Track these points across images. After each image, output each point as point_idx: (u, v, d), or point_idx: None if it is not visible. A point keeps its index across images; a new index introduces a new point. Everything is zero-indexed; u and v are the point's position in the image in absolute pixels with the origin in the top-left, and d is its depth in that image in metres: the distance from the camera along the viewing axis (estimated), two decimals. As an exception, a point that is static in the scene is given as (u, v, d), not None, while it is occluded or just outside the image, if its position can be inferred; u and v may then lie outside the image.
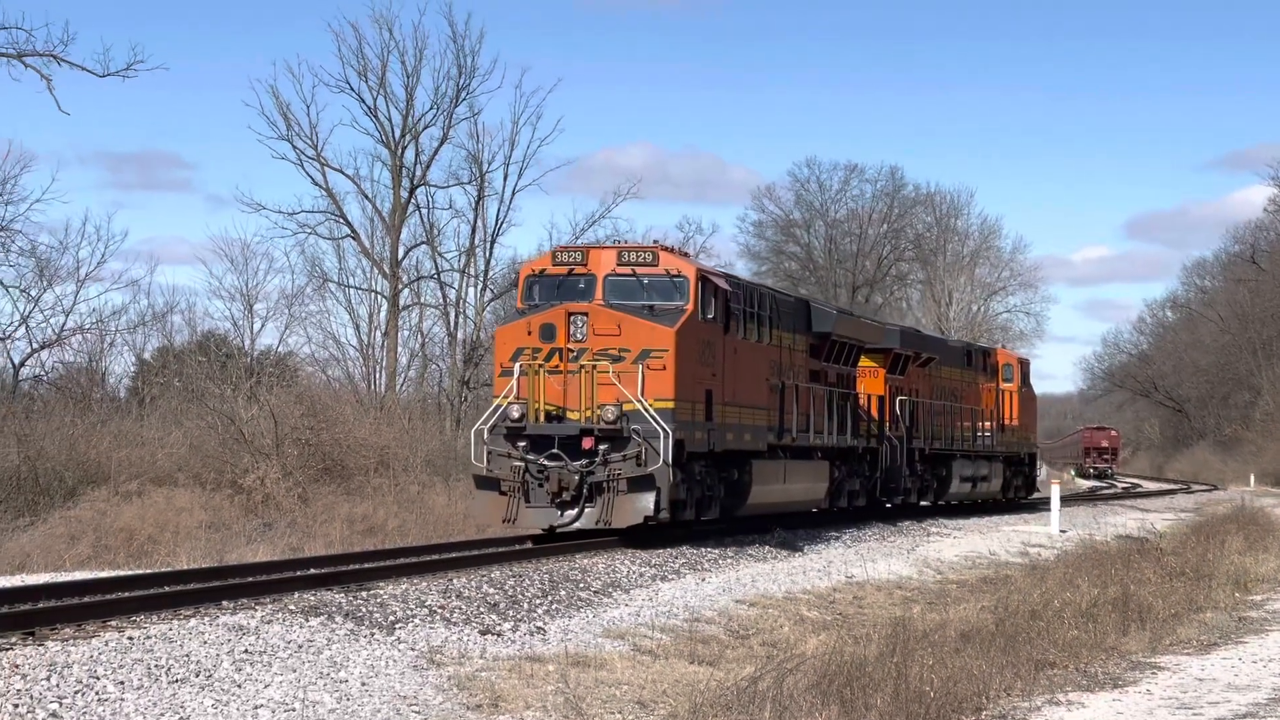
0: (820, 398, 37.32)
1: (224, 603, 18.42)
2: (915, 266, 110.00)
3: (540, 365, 28.47)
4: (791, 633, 20.72)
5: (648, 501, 27.79)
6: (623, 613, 21.16)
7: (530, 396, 28.44)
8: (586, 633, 19.29)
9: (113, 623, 16.44)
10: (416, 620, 18.27)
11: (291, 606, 17.94)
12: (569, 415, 28.47)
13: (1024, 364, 56.58)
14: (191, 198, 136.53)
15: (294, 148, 60.28)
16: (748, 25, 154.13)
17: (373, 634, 17.11)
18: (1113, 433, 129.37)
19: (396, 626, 17.75)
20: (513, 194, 62.91)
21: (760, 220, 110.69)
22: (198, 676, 14.11)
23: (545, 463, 28.21)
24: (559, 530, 28.50)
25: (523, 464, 28.29)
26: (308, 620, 17.16)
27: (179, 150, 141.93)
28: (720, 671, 16.88)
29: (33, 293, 51.88)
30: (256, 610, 17.57)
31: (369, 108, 61.61)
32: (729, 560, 28.50)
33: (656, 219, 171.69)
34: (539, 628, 19.22)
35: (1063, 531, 41.98)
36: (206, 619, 16.84)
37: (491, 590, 21.15)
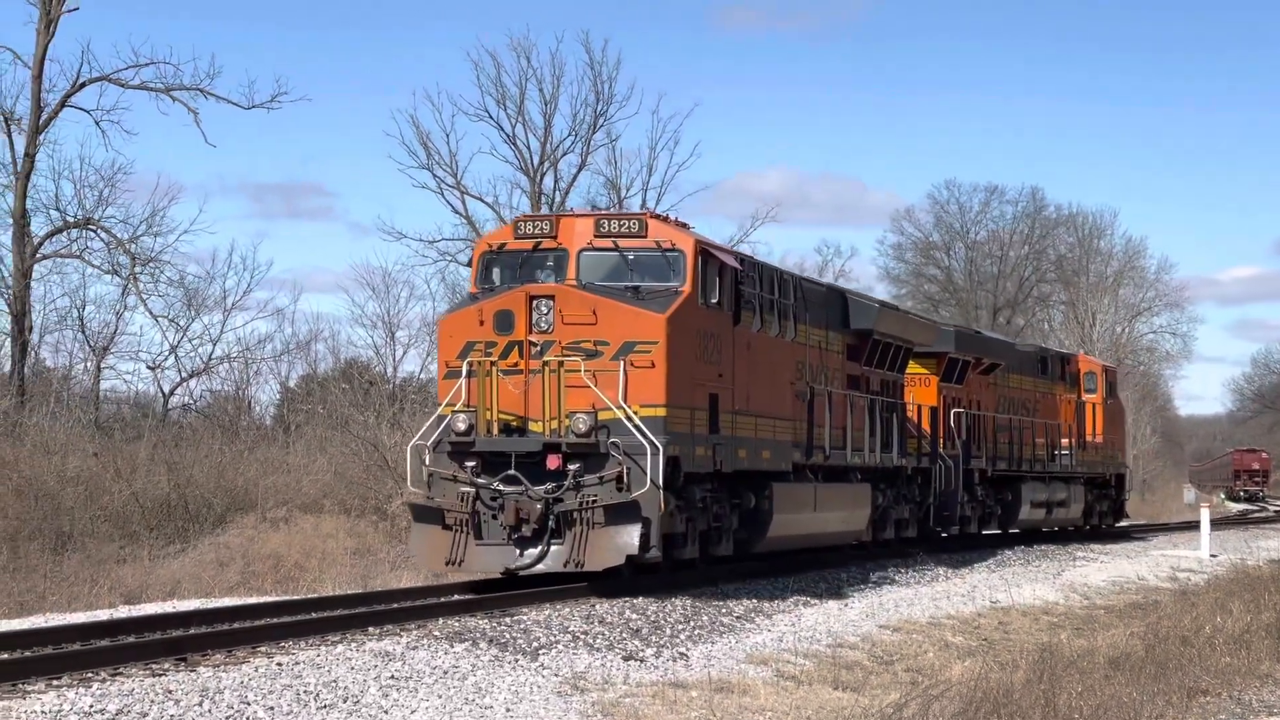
0: (860, 408, 32.09)
1: (370, 629, 19.07)
2: (1057, 288, 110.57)
3: (493, 363, 23.25)
4: (936, 659, 20.88)
5: (631, 536, 22.60)
6: (765, 638, 21.48)
7: (481, 403, 23.23)
8: (729, 658, 19.58)
9: (262, 649, 17.06)
10: (560, 646, 18.67)
11: (436, 633, 18.58)
12: (531, 427, 23.33)
13: (1109, 372, 51.59)
14: (334, 226, 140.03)
15: (434, 176, 61.06)
16: (888, 46, 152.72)
17: (517, 660, 17.53)
18: (1264, 455, 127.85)
19: (540, 652, 18.15)
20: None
21: (899, 243, 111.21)
22: (345, 703, 14.54)
23: (500, 487, 23.00)
24: (519, 573, 23.29)
25: (472, 490, 23.13)
26: (452, 646, 17.65)
27: (321, 180, 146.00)
28: (865, 698, 17.16)
29: (181, 322, 53.52)
30: (402, 636, 18.24)
31: (508, 135, 62.87)
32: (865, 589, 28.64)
33: (794, 243, 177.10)
34: (682, 653, 19.60)
35: (1213, 556, 42.02)
36: (353, 645, 17.42)
37: (634, 615, 21.64)
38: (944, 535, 38.76)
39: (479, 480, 23.17)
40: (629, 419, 22.96)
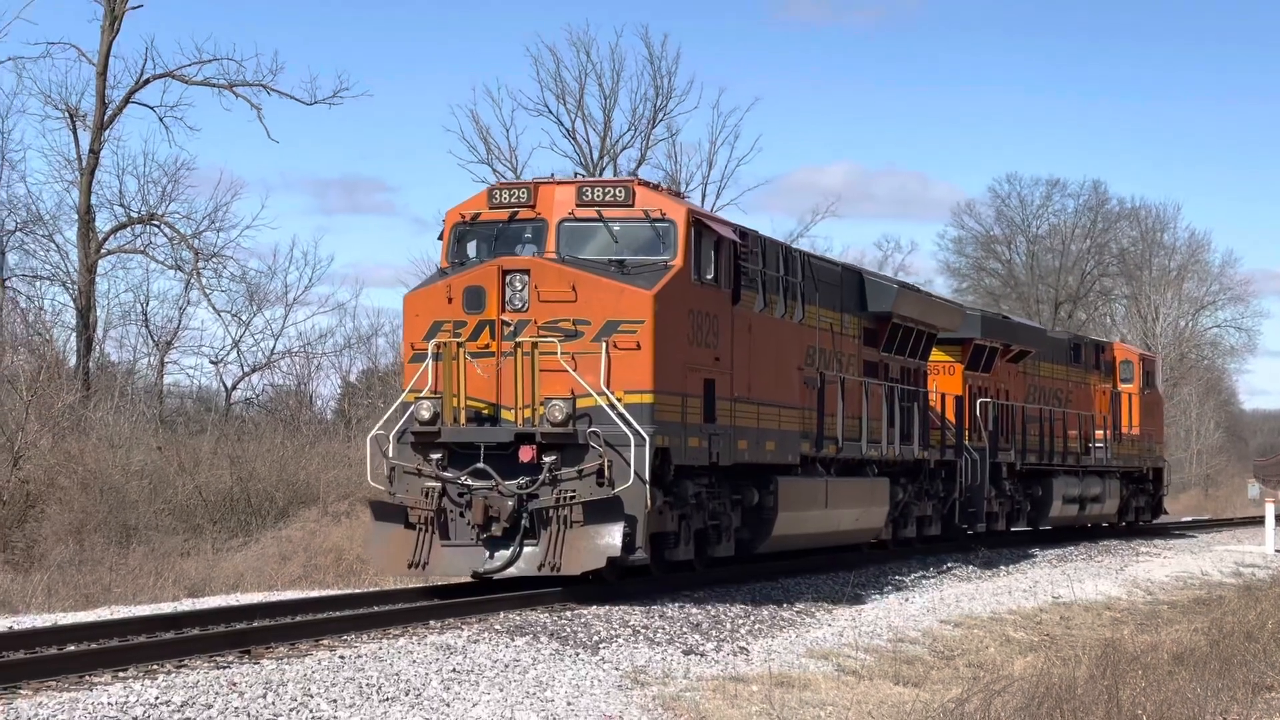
0: (877, 396, 29.79)
1: (431, 622, 18.89)
2: (1120, 282, 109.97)
3: (460, 344, 21.02)
4: (998, 654, 20.76)
5: (613, 536, 20.40)
6: (826, 633, 21.29)
7: (447, 389, 20.99)
8: (790, 653, 19.39)
9: (324, 641, 17.08)
10: (620, 640, 18.58)
11: (497, 626, 18.46)
12: (504, 415, 21.13)
13: (1147, 360, 49.06)
14: (395, 221, 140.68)
15: (494, 171, 61.01)
16: (950, 38, 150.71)
17: (577, 654, 17.48)
18: None
19: (600, 646, 18.08)
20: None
21: (960, 237, 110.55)
22: (407, 695, 14.52)
23: (468, 482, 20.76)
24: (489, 577, 21.06)
25: (438, 485, 20.89)
26: (513, 640, 17.62)
27: (382, 175, 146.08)
28: (926, 693, 17.07)
29: (243, 317, 53.53)
30: (463, 630, 18.17)
31: (567, 130, 63.08)
32: (925, 581, 28.75)
33: (855, 237, 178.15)
34: (742, 648, 19.44)
35: (1278, 551, 42.03)
36: (415, 638, 17.41)
37: (694, 609, 21.49)
38: (970, 533, 36.38)
39: (445, 474, 20.97)
40: (612, 406, 20.75)
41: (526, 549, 20.71)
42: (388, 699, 14.39)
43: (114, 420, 40.64)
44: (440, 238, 22.88)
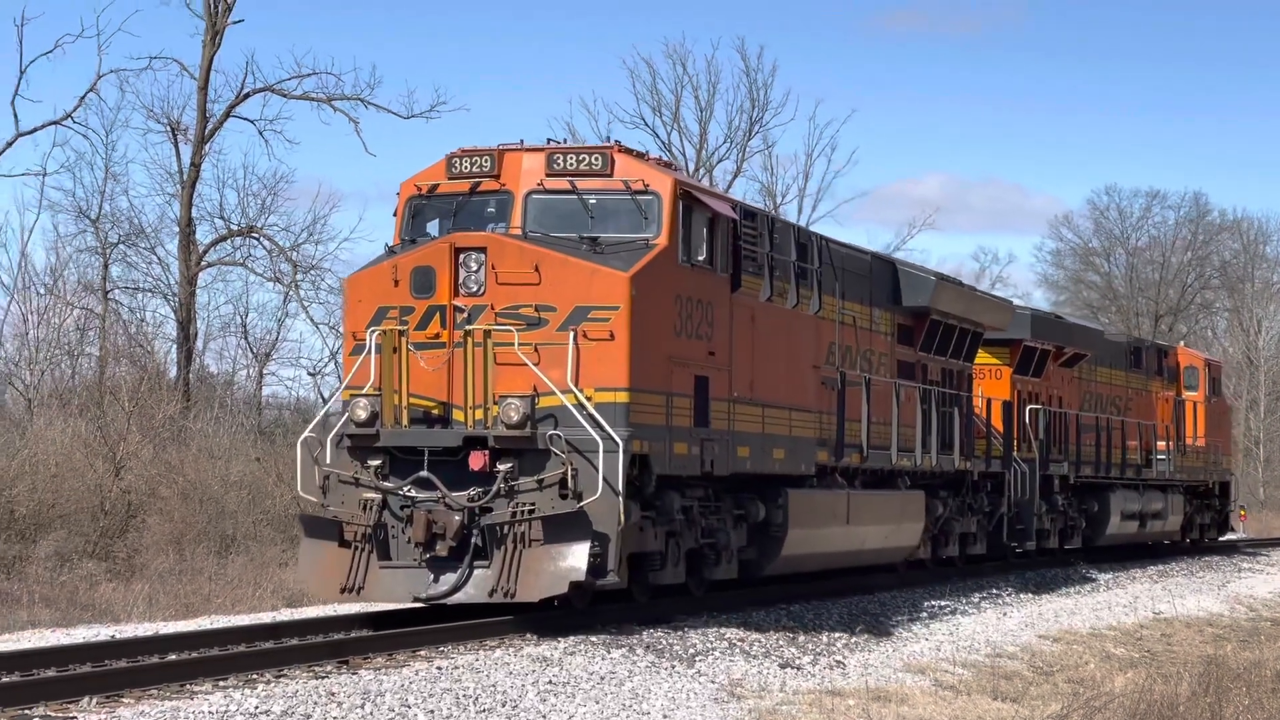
0: (911, 399, 26.55)
1: (528, 634, 18.03)
2: (1221, 295, 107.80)
3: (402, 333, 17.92)
4: (1098, 670, 20.46)
5: (576, 557, 17.32)
6: (923, 647, 20.95)
7: (387, 385, 17.86)
8: (886, 667, 19.07)
9: (421, 652, 16.66)
10: (716, 653, 18.19)
11: (593, 638, 17.85)
12: (456, 415, 17.97)
13: (1213, 366, 45.55)
14: None
15: None
16: (1047, 50, 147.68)
17: (673, 666, 17.17)
18: None
19: (696, 659, 17.71)
20: (807, 226, 61.61)
21: (1058, 249, 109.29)
22: (504, 707, 14.33)
23: (412, 493, 17.63)
24: (433, 602, 17.92)
25: (378, 496, 17.76)
26: (609, 652, 17.20)
27: None
28: (1024, 709, 16.95)
29: (341, 330, 48.98)
30: (559, 642, 17.55)
31: (663, 143, 62.82)
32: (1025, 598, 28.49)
33: (952, 249, 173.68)
34: (838, 661, 19.06)
35: None
36: (511, 650, 16.96)
37: (791, 623, 21.15)
38: (1019, 552, 33.04)
39: (385, 484, 17.82)
40: (580, 406, 17.65)
41: (477, 571, 17.62)
42: (484, 710, 14.21)
43: (213, 431, 39.69)
44: (395, 213, 19.76)
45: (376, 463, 17.91)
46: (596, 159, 18.91)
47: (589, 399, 17.69)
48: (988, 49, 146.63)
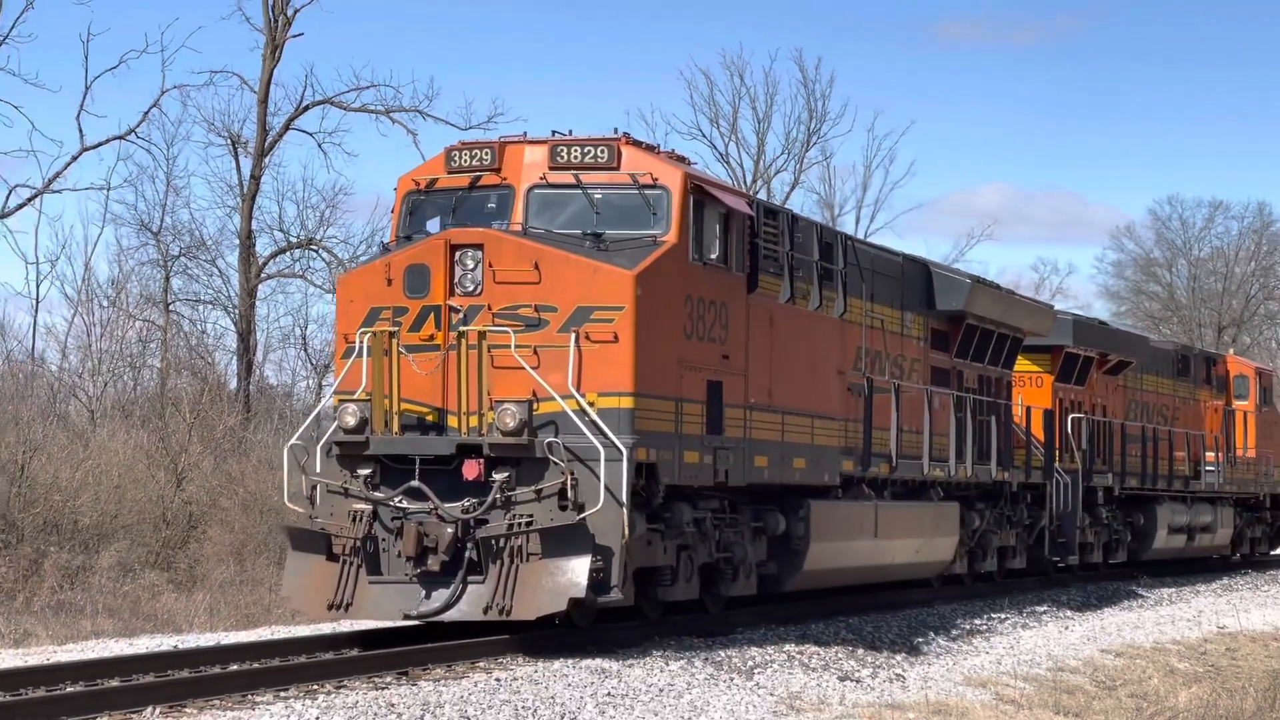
0: (945, 407, 25.41)
1: (588, 646, 17.60)
2: None
3: (392, 334, 16.89)
4: (1161, 684, 20.38)
5: (577, 573, 16.26)
6: (984, 660, 20.81)
7: (378, 389, 16.83)
8: (947, 680, 18.91)
9: (480, 664, 16.39)
10: (775, 666, 18.01)
11: (653, 650, 17.75)
12: (451, 422, 16.93)
13: (1264, 375, 44.10)
14: None
15: None
16: (1109, 59, 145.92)
17: (732, 679, 16.94)
18: None
19: (755, 671, 17.51)
20: (864, 238, 61.40)
21: (1119, 260, 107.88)
22: (562, 719, 14.20)
23: (403, 504, 16.59)
24: (425, 621, 16.86)
25: (369, 507, 16.72)
26: (668, 664, 17.00)
27: None
28: None
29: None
30: (618, 653, 17.32)
31: (720, 154, 63.06)
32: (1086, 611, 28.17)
33: (1011, 260, 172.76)
34: (898, 674, 18.88)
35: None
36: (570, 662, 16.57)
37: (850, 636, 20.97)
38: (1061, 566, 31.81)
39: (376, 494, 16.78)
40: (581, 412, 16.56)
41: (471, 587, 16.55)
42: None
43: (274, 442, 38.86)
44: (392, 210, 18.75)
45: (367, 472, 16.88)
46: (602, 152, 17.86)
47: (591, 404, 16.63)
48: (1046, 58, 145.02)
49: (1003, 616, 25.40)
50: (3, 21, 37.31)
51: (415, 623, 17.13)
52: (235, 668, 15.84)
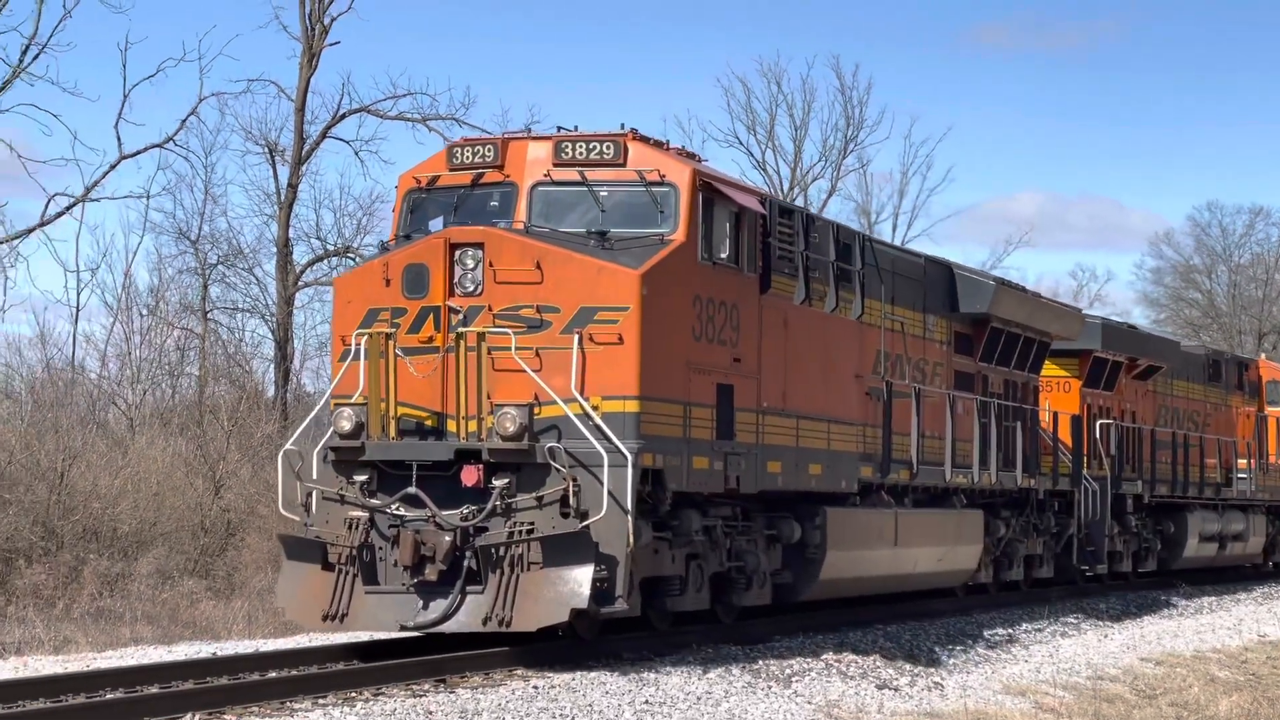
0: (969, 412, 24.78)
1: (625, 654, 17.43)
2: None
3: (388, 336, 16.32)
4: (1202, 693, 20.17)
5: (579, 583, 15.66)
6: (1022, 669, 20.64)
7: (374, 393, 16.26)
8: (986, 689, 18.71)
9: (518, 671, 16.11)
10: (813, 674, 17.80)
11: (690, 658, 17.64)
12: (450, 426, 16.33)
13: None
14: None
15: None
16: (1147, 65, 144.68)
17: (769, 687, 16.80)
18: None
19: (793, 680, 17.32)
20: (901, 244, 63.19)
21: (1158, 267, 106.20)
22: None
23: (401, 511, 16.01)
24: (423, 632, 16.27)
25: (365, 514, 16.15)
26: (706, 672, 16.82)
27: None
28: None
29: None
30: (656, 661, 17.19)
31: (757, 161, 62.90)
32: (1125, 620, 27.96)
33: (1050, 266, 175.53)
34: (936, 683, 18.65)
35: None
36: (608, 669, 16.40)
37: (887, 644, 20.83)
38: (1089, 575, 31.08)
39: (373, 501, 16.20)
40: (584, 416, 15.94)
41: (470, 597, 15.96)
42: None
43: (310, 450, 38.78)
44: (394, 209, 18.18)
45: (363, 478, 16.35)
46: (608, 147, 17.27)
47: (595, 408, 16.06)
48: (1085, 64, 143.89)
49: (1040, 625, 25.09)
50: (41, 30, 36.65)
51: (414, 634, 16.53)
52: (274, 675, 15.61)
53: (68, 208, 38.65)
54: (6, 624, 22.62)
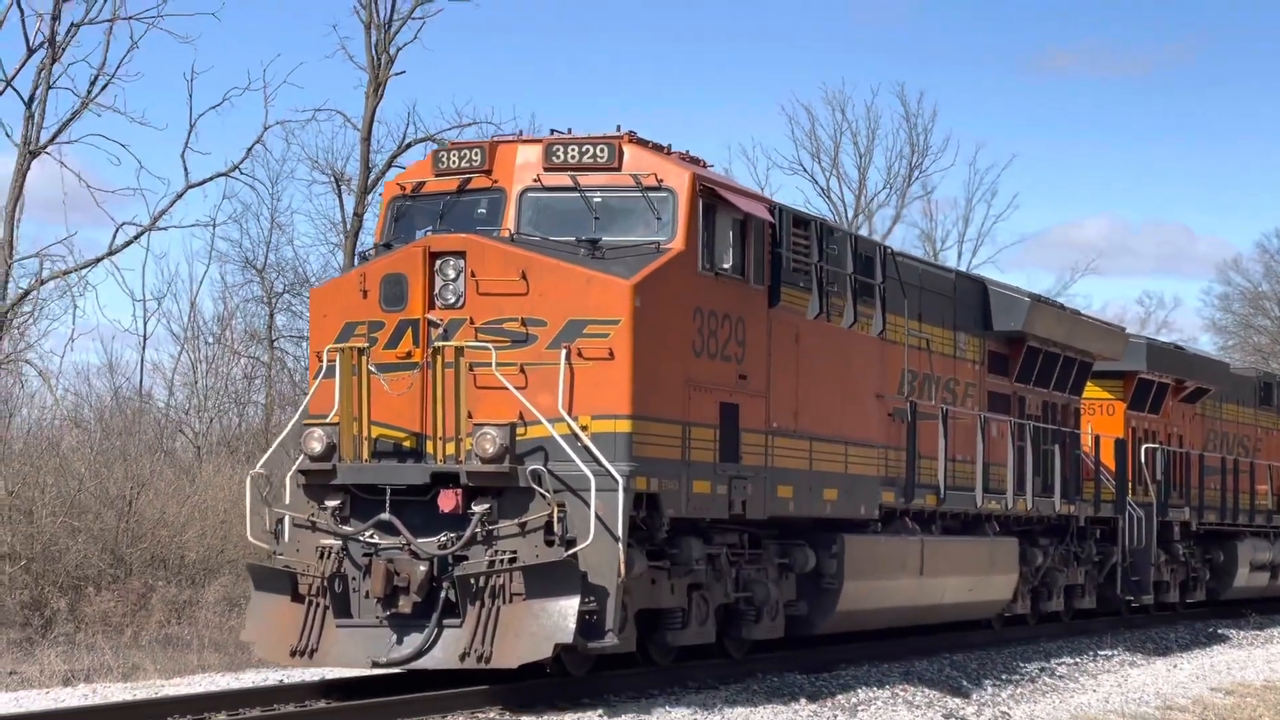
0: (1003, 435, 23.56)
1: (689, 683, 17.22)
2: None
3: (361, 352, 15.21)
4: None
5: (564, 615, 14.47)
6: (1090, 699, 20.21)
7: (346, 412, 15.12)
8: (1053, 718, 18.32)
9: (492, 714, 15.03)
10: (879, 703, 17.50)
11: (755, 688, 17.33)
12: (429, 448, 15.16)
13: None
14: None
15: None
16: (1215, 90, 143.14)
17: (835, 716, 16.47)
18: None
19: (859, 709, 16.98)
20: (967, 270, 61.19)
21: (1226, 293, 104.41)
22: None
23: (373, 539, 14.88)
24: (396, 668, 15.12)
25: (338, 542, 15.04)
26: (769, 702, 16.53)
27: None
28: None
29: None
30: (720, 690, 16.99)
31: (822, 189, 62.99)
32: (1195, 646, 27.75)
33: (1116, 293, 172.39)
34: (1004, 713, 18.23)
35: None
36: (671, 699, 16.07)
37: (954, 673, 20.72)
38: (1134, 606, 29.73)
39: (344, 528, 15.08)
40: (572, 437, 14.78)
41: (447, 631, 14.80)
42: None
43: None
44: (378, 217, 17.10)
45: (335, 503, 15.22)
46: (602, 150, 16.15)
47: (584, 428, 14.90)
48: (1153, 88, 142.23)
49: (1108, 653, 24.92)
50: (109, 61, 36.40)
51: (391, 668, 15.36)
52: (339, 704, 15.04)
53: (135, 237, 38.59)
54: (76, 650, 22.22)
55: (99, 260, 37.60)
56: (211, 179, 41.37)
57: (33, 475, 27.27)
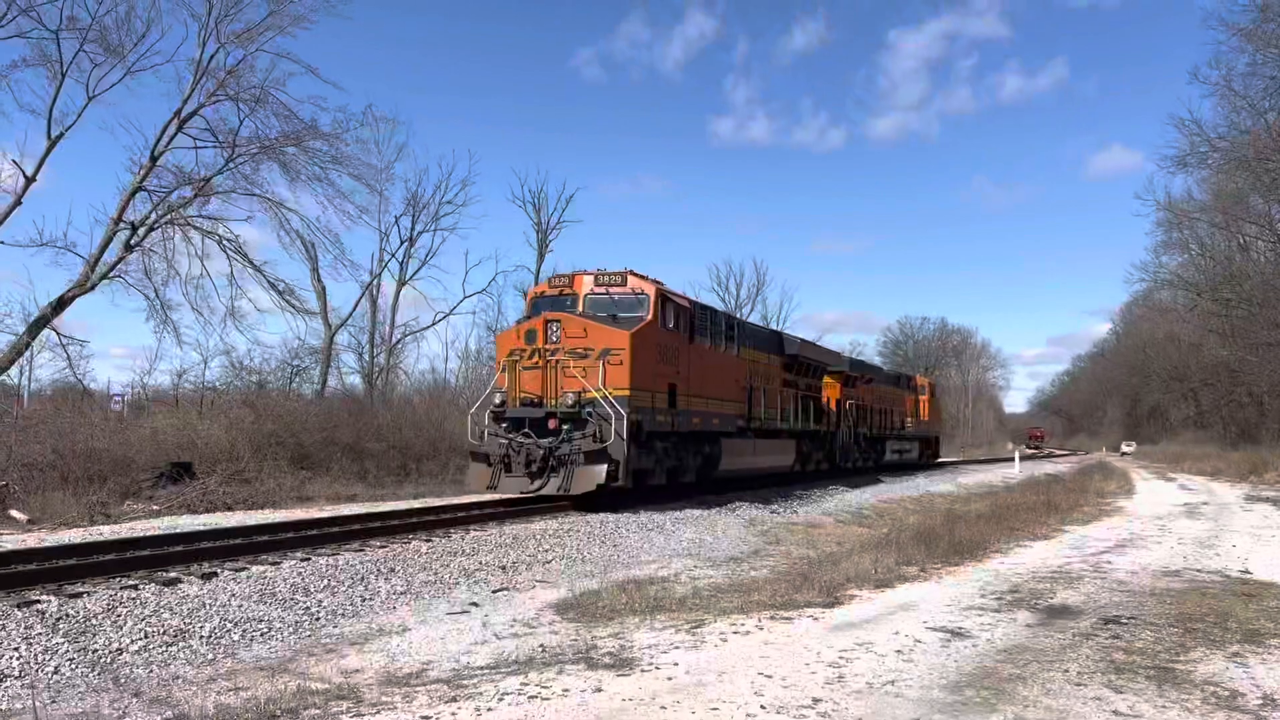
0: (790, 397, 22.29)
1: (654, 502, 15.25)
2: None
3: (518, 361, 14.27)
4: (902, 515, 18.46)
5: (601, 471, 13.53)
6: (828, 505, 18.87)
7: (510, 387, 14.21)
8: (814, 512, 17.30)
9: (574, 512, 13.63)
10: (743, 506, 16.36)
11: (684, 502, 15.85)
12: (546, 401, 14.17)
13: (933, 385, 40.21)
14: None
15: None
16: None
17: (721, 508, 15.58)
18: (1040, 430, 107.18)
19: (736, 509, 15.80)
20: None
21: (886, 341, 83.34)
22: (660, 526, 13.23)
23: (519, 439, 13.93)
24: (532, 494, 14.18)
25: (505, 441, 14.07)
26: (694, 508, 15.24)
27: None
28: (873, 531, 15.34)
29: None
30: (669, 504, 15.40)
31: (720, 295, 50.58)
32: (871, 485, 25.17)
33: (839, 341, 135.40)
34: (793, 510, 17.05)
35: (1019, 472, 36.07)
36: (647, 507, 14.73)
37: (769, 496, 18.83)
38: (845, 467, 28.54)
39: (508, 435, 14.17)
40: (606, 398, 13.82)
41: (552, 479, 13.90)
42: (649, 529, 13.05)
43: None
44: (525, 306, 16.16)
45: (504, 425, 14.32)
46: (619, 278, 15.27)
47: (610, 393, 13.99)
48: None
49: (833, 488, 23.32)
50: (419, 222, 31.65)
51: (529, 494, 14.46)
52: (508, 509, 13.70)
53: (435, 321, 37.02)
54: (403, 489, 19.06)
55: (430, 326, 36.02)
56: (473, 295, 40.40)
57: (410, 414, 24.08)
